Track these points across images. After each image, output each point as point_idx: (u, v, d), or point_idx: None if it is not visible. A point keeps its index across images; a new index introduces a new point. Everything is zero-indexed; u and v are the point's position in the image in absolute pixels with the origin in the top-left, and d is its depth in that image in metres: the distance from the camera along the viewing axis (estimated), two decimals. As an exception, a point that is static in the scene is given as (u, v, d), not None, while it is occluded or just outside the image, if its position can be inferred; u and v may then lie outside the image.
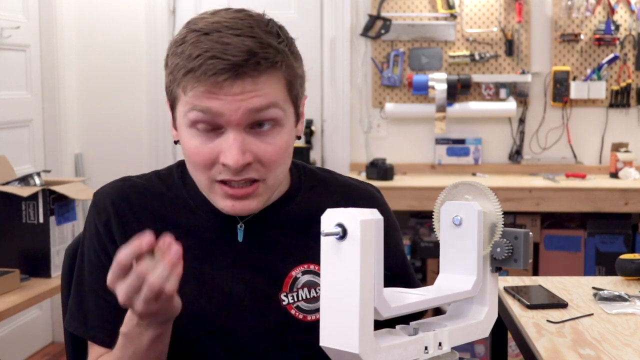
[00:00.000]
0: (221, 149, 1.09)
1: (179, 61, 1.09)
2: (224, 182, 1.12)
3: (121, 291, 0.98)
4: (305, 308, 1.20)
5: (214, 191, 1.13)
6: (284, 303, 1.20)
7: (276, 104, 1.10)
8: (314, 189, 1.26)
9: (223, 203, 1.13)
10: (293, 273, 1.20)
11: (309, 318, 1.20)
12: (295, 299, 1.20)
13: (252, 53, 1.06)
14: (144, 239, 0.97)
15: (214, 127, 1.09)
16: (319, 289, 1.15)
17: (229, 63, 1.05)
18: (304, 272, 1.21)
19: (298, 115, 1.18)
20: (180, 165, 1.26)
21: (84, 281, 1.23)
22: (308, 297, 1.20)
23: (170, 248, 0.98)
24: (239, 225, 1.20)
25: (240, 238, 1.20)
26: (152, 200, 1.22)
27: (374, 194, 1.33)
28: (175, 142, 1.19)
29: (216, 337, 1.19)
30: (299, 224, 1.22)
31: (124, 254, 0.97)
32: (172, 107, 1.15)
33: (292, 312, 1.20)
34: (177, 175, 1.25)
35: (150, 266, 0.97)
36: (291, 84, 1.13)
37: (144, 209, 1.21)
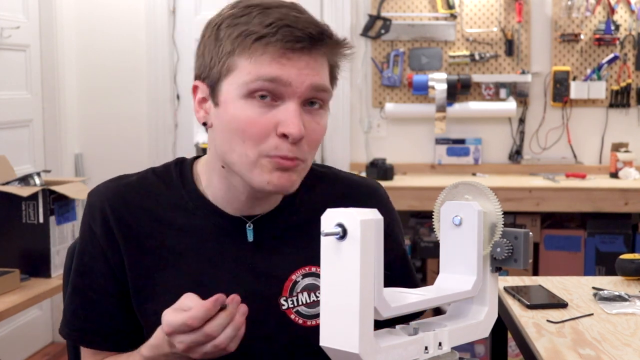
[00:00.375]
0: (279, 120, 1.07)
1: (246, 28, 1.06)
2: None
3: (182, 343, 1.01)
4: (305, 313, 1.19)
5: (261, 165, 1.09)
6: (284, 308, 1.18)
7: (328, 87, 1.12)
8: (315, 187, 1.25)
9: (269, 176, 1.09)
10: (293, 277, 1.19)
11: (308, 323, 1.19)
12: (295, 304, 1.18)
13: (322, 30, 1.08)
14: (217, 302, 1.00)
15: (273, 98, 1.08)
16: (319, 293, 1.14)
17: (304, 33, 1.06)
18: (305, 275, 1.20)
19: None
20: (179, 163, 1.24)
21: (73, 285, 1.21)
22: (308, 301, 1.19)
23: (240, 310, 1.02)
24: (247, 225, 1.18)
25: (250, 238, 1.19)
26: (148, 199, 1.19)
27: (376, 189, 1.32)
28: (204, 124, 1.15)
29: None
30: (300, 225, 1.21)
31: (196, 318, 0.99)
32: (216, 81, 1.10)
33: (292, 317, 1.18)
34: (175, 174, 1.22)
35: (218, 327, 1.00)
36: (333, 70, 1.14)
37: (140, 208, 1.18)
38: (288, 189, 1.11)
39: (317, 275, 1.19)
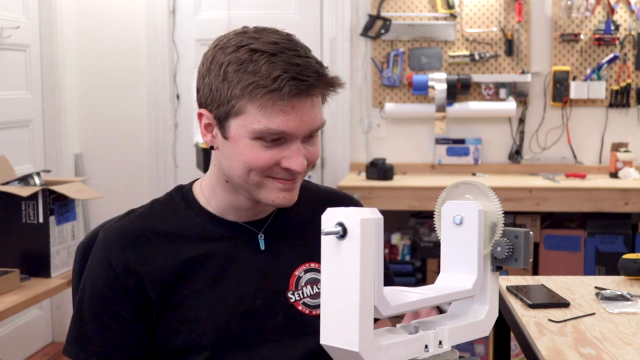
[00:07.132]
0: (284, 155, 1.20)
1: (256, 80, 1.14)
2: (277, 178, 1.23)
3: None
4: (310, 303, 1.31)
5: (266, 186, 1.23)
6: (292, 300, 1.30)
7: (323, 123, 1.23)
8: (300, 195, 1.34)
9: (275, 195, 1.23)
10: (296, 273, 1.31)
11: (314, 312, 1.31)
12: (301, 296, 1.30)
13: (319, 73, 1.17)
14: None
15: (277, 139, 1.19)
16: (320, 285, 1.23)
17: (307, 84, 1.15)
18: (306, 271, 1.32)
19: None
20: (179, 189, 1.35)
21: (85, 311, 1.28)
22: (311, 293, 1.31)
23: None
24: (259, 236, 1.30)
25: (262, 246, 1.30)
26: (160, 223, 1.29)
27: (352, 197, 1.49)
28: (211, 148, 1.26)
29: (234, 342, 1.26)
30: (296, 227, 1.34)
31: None
32: (225, 117, 1.20)
33: (299, 308, 1.30)
34: (177, 198, 1.33)
35: None
36: (324, 99, 1.24)
37: (155, 232, 1.28)
38: (291, 204, 1.26)
39: (316, 270, 1.32)
